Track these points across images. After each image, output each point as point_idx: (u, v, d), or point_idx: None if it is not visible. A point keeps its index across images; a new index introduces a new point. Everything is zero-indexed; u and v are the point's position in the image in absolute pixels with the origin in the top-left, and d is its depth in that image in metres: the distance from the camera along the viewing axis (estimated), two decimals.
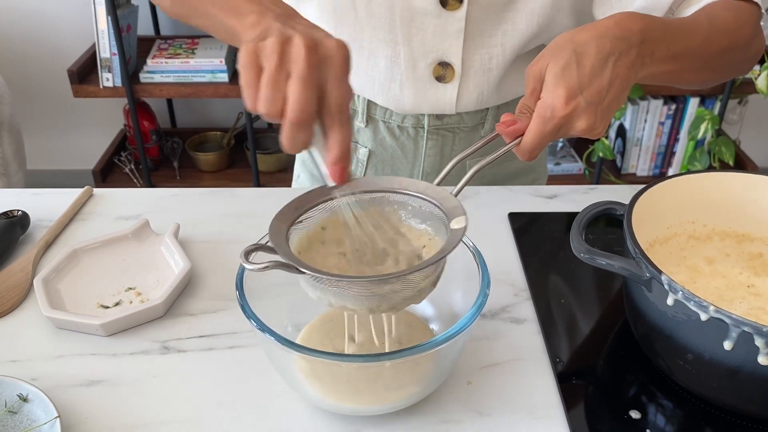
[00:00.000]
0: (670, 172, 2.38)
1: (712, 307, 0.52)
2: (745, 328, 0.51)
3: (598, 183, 2.28)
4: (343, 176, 0.53)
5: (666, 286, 0.55)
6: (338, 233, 0.58)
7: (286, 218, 0.56)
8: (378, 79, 0.84)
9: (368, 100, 0.88)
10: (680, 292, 0.54)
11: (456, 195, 0.57)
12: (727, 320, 0.51)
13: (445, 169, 0.60)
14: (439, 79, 0.82)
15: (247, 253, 0.52)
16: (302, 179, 1.02)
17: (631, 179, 2.37)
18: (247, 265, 0.51)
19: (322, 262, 0.57)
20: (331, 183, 0.54)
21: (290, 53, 0.50)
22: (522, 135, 0.59)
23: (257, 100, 0.50)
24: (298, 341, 0.65)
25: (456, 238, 0.53)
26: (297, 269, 0.51)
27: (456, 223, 0.54)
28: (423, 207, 0.58)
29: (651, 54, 0.60)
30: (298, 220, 0.57)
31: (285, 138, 0.50)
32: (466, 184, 0.58)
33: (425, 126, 0.88)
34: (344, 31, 0.82)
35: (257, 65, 0.50)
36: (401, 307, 0.55)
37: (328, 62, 0.51)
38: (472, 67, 0.81)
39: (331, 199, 0.57)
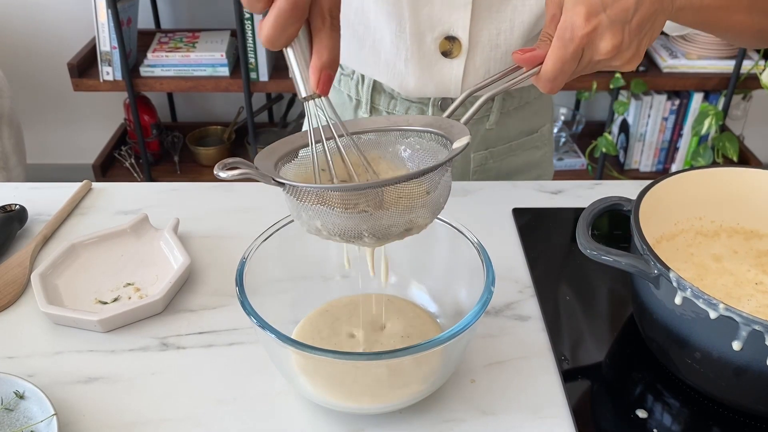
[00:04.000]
0: (674, 168, 2.37)
1: (721, 305, 0.51)
2: (756, 327, 0.50)
3: (601, 179, 2.27)
4: (328, 85, 0.49)
5: (674, 284, 0.54)
6: (340, 175, 0.55)
7: (279, 149, 0.54)
8: (383, 55, 0.82)
9: (372, 88, 0.87)
10: (689, 290, 0.53)
11: (466, 123, 0.54)
12: (737, 318, 0.50)
13: (455, 102, 0.57)
14: (446, 54, 0.80)
15: (225, 165, 0.48)
16: None
17: (634, 175, 2.36)
18: (221, 174, 0.47)
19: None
20: (304, 91, 0.50)
21: None
22: (542, 63, 0.55)
23: None
24: (294, 333, 0.64)
25: (455, 152, 0.50)
26: (274, 180, 0.49)
27: (458, 143, 0.51)
28: (429, 141, 0.55)
29: None
30: (292, 156, 0.54)
31: (269, 29, 0.46)
32: (477, 111, 0.55)
33: None
34: (350, 7, 0.80)
35: None
36: (395, 234, 0.51)
37: None
38: (479, 43, 0.79)
39: (331, 138, 0.53)
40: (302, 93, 0.50)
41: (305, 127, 1.02)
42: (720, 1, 0.59)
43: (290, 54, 0.50)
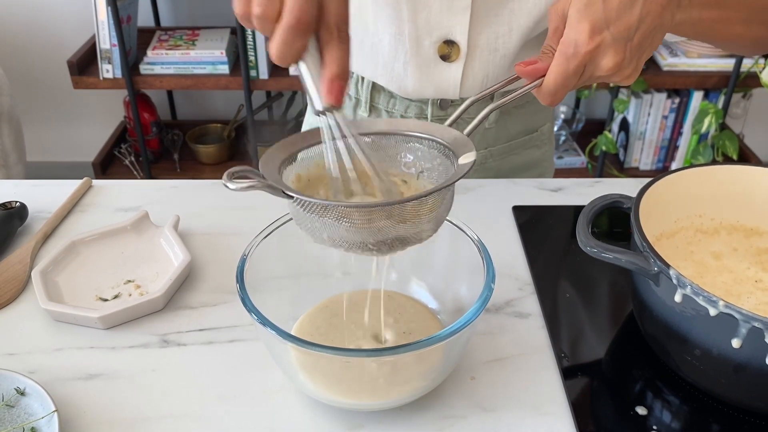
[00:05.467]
0: (673, 166, 2.37)
1: (721, 302, 0.51)
2: (756, 324, 0.50)
3: (600, 177, 2.27)
4: (340, 96, 0.49)
5: (674, 281, 0.54)
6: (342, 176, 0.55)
7: (283, 151, 0.54)
8: (382, 58, 0.82)
9: (372, 87, 0.87)
10: (689, 287, 0.53)
11: (468, 134, 0.54)
12: (737, 315, 0.51)
13: (457, 111, 0.57)
14: (444, 58, 0.80)
15: (232, 174, 0.48)
16: None
17: (634, 173, 2.36)
18: (229, 184, 0.47)
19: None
20: (319, 105, 0.50)
21: None
22: (543, 76, 0.56)
23: (246, 5, 0.46)
24: (294, 329, 0.64)
25: (461, 171, 0.50)
26: (283, 192, 0.49)
27: (464, 159, 0.52)
28: (431, 149, 0.55)
29: None
30: (296, 157, 0.54)
31: (278, 44, 0.47)
32: (480, 123, 0.55)
33: (428, 116, 0.87)
34: (350, 9, 0.80)
35: None
36: (399, 245, 0.52)
37: None
38: (477, 47, 0.79)
39: (336, 139, 0.53)
40: (317, 106, 0.50)
41: (305, 126, 1.03)
42: (717, 15, 0.60)
43: (302, 69, 0.50)
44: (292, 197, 0.49)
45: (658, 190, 0.65)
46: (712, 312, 0.52)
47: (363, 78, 0.87)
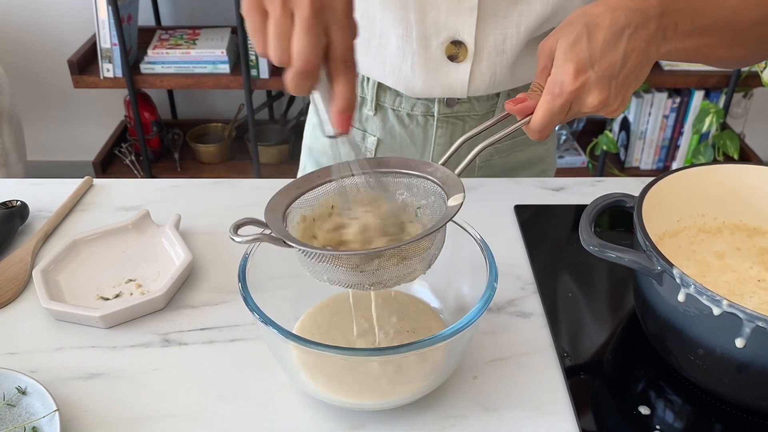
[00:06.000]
0: (674, 165, 2.37)
1: (725, 302, 0.51)
2: (760, 323, 0.50)
3: (601, 176, 2.27)
4: (347, 125, 0.52)
5: (678, 280, 0.54)
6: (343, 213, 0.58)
7: (287, 195, 0.56)
8: (389, 59, 0.82)
9: (378, 86, 0.86)
10: (692, 286, 0.53)
11: (459, 173, 0.56)
12: (741, 315, 0.50)
13: (451, 149, 0.59)
14: (452, 58, 0.80)
15: (237, 227, 0.51)
16: (308, 170, 1.01)
17: (635, 173, 2.36)
18: (235, 238, 0.51)
19: (328, 237, 0.57)
20: (330, 131, 0.53)
21: None
22: (532, 113, 0.57)
23: (267, 46, 0.50)
24: (295, 328, 0.64)
25: (449, 214, 0.52)
26: (285, 243, 0.51)
27: (453, 201, 0.54)
28: (426, 187, 0.58)
29: (674, 27, 0.58)
30: (300, 197, 0.57)
31: (290, 84, 0.50)
32: (471, 161, 0.57)
33: (435, 114, 0.87)
34: (356, 11, 0.80)
35: (261, 9, 0.49)
36: (393, 284, 0.55)
37: (331, 7, 0.50)
38: (485, 47, 0.80)
39: (332, 180, 0.58)
40: (327, 132, 0.53)
41: (307, 127, 1.03)
42: (701, 42, 0.61)
43: (314, 98, 0.53)
44: (293, 247, 0.52)
45: (660, 190, 0.64)
46: (716, 311, 0.52)
47: (369, 77, 0.87)
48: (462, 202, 0.53)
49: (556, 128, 1.03)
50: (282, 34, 0.49)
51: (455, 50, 0.80)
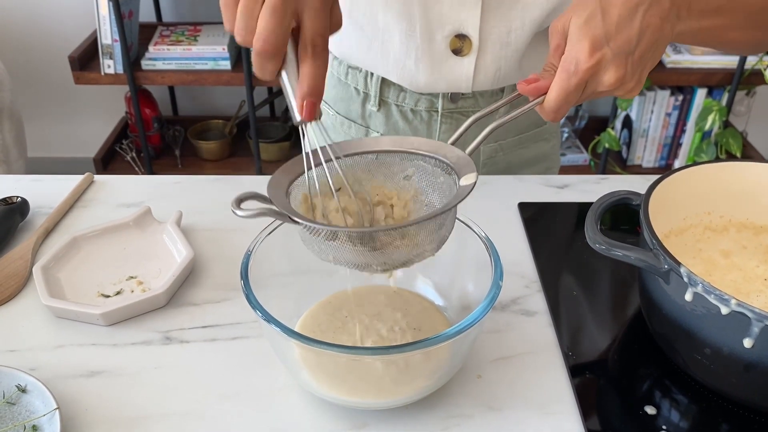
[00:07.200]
0: (677, 163, 2.36)
1: (733, 301, 0.50)
2: None
3: (604, 174, 2.26)
4: (312, 113, 0.50)
5: (685, 279, 0.53)
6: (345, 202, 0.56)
7: (290, 172, 0.55)
8: (393, 54, 0.82)
9: (381, 81, 0.86)
10: (700, 285, 0.52)
11: (470, 153, 0.55)
12: (750, 314, 0.50)
13: (460, 129, 0.57)
14: (456, 52, 0.80)
15: (239, 200, 0.50)
16: None
17: (637, 170, 2.35)
18: (237, 212, 0.49)
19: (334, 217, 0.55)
20: (298, 117, 0.51)
21: None
22: (545, 93, 0.56)
23: (233, 25, 0.50)
24: (297, 326, 0.63)
25: (463, 193, 0.51)
26: (290, 218, 0.50)
27: (465, 180, 0.52)
28: (435, 167, 0.56)
29: (688, 6, 0.57)
30: (302, 177, 0.55)
31: (253, 66, 0.50)
32: (482, 142, 0.56)
33: (439, 109, 0.86)
34: (357, 8, 0.80)
35: None
36: (402, 264, 0.53)
37: None
38: (489, 40, 0.79)
39: (338, 158, 0.55)
40: (294, 118, 0.52)
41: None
42: (716, 23, 0.60)
43: (283, 79, 0.51)
44: (299, 223, 0.50)
45: (666, 188, 0.64)
46: (724, 311, 0.51)
47: (372, 73, 0.86)
48: (475, 182, 0.51)
49: (559, 125, 1.02)
50: (248, 11, 0.48)
51: (459, 44, 0.79)
